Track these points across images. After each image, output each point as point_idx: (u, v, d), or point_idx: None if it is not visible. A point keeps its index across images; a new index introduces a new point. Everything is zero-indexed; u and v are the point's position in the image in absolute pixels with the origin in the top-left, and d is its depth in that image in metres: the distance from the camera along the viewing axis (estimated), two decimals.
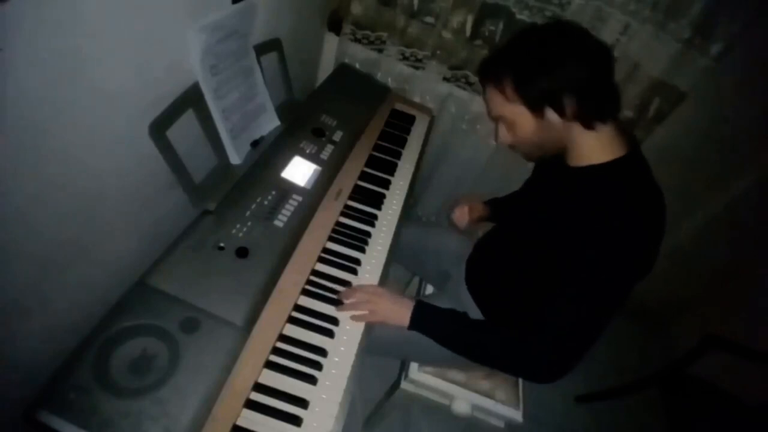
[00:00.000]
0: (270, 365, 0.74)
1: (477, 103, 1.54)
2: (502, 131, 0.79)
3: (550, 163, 0.83)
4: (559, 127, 0.72)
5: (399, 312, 0.85)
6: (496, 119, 0.79)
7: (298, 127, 1.08)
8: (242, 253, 0.79)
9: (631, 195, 0.70)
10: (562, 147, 0.77)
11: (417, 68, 1.51)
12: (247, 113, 0.94)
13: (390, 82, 1.54)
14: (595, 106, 0.70)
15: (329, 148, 1.07)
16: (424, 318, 0.85)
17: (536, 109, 0.71)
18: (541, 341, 0.73)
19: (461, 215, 1.18)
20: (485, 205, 1.20)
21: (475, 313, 0.97)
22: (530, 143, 0.78)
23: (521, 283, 0.88)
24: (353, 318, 0.84)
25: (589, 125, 0.71)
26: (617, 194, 0.70)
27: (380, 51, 1.49)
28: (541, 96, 0.70)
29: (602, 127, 0.73)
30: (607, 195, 0.71)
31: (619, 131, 0.75)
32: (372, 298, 0.86)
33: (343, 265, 0.93)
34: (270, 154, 0.98)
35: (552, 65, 0.68)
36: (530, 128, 0.74)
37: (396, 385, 1.10)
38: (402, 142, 1.29)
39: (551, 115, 0.71)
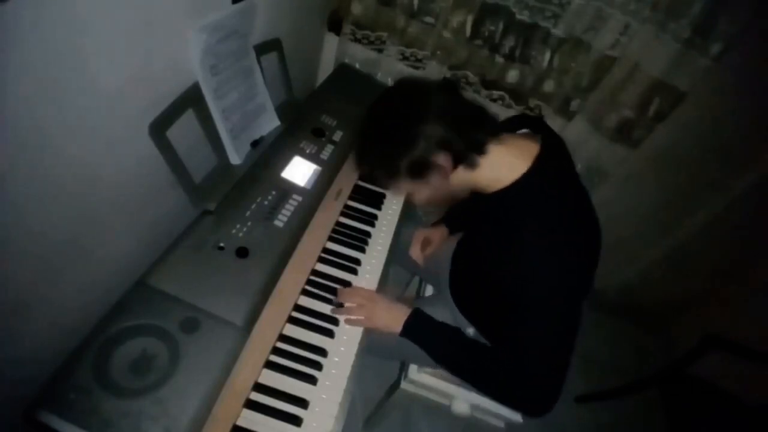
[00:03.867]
0: (270, 365, 0.74)
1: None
2: (413, 200, 0.82)
3: (472, 197, 0.80)
4: (449, 177, 0.70)
5: (392, 319, 0.85)
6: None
7: (298, 127, 1.07)
8: (242, 253, 0.79)
9: (545, 212, 0.68)
10: (470, 187, 0.75)
11: (417, 68, 1.51)
12: (247, 113, 0.94)
13: (390, 82, 1.54)
14: (468, 143, 0.68)
15: (329, 148, 1.07)
16: (417, 327, 0.85)
17: (418, 177, 0.70)
18: (515, 378, 0.72)
19: (416, 254, 1.14)
20: (439, 226, 1.17)
21: (460, 316, 0.97)
22: (438, 200, 0.78)
23: (481, 295, 0.88)
24: (347, 322, 0.85)
25: (473, 163, 0.69)
26: (530, 216, 0.68)
27: (380, 51, 1.49)
28: (412, 167, 0.68)
29: (492, 152, 0.70)
30: (520, 220, 0.68)
31: (517, 142, 0.73)
32: (367, 303, 0.85)
33: (343, 265, 0.93)
34: (270, 154, 0.98)
35: (406, 137, 0.67)
36: (427, 191, 0.75)
37: (396, 385, 1.10)
38: None
39: (435, 176, 0.69)
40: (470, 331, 0.96)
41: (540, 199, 0.69)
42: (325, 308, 0.85)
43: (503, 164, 0.71)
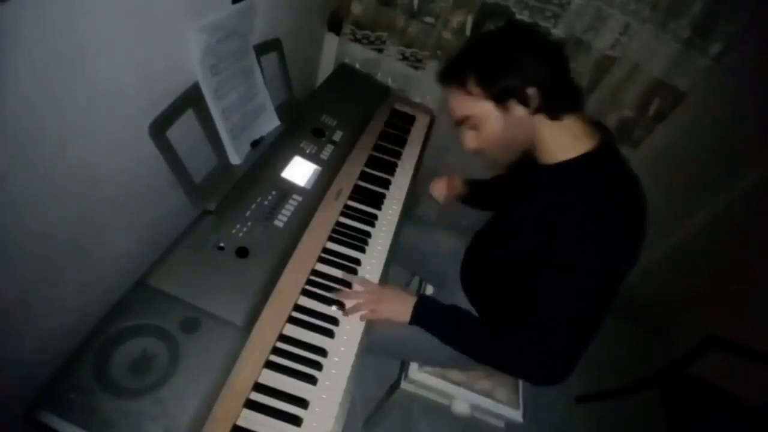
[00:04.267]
0: (270, 365, 0.74)
1: None
2: (469, 134, 0.78)
3: (523, 165, 0.82)
4: (525, 121, 0.72)
5: (401, 308, 0.85)
6: (462, 121, 0.78)
7: (298, 127, 1.07)
8: (242, 253, 0.79)
9: (602, 189, 0.70)
10: (530, 145, 0.76)
11: (417, 68, 1.51)
12: (247, 113, 0.94)
13: (390, 82, 1.54)
14: (559, 97, 0.71)
15: (329, 148, 1.07)
16: (426, 312, 0.85)
17: (502, 104, 0.72)
18: (535, 346, 0.73)
19: (440, 187, 1.20)
20: (465, 184, 1.21)
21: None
22: (498, 143, 0.77)
23: (507, 283, 0.88)
24: (351, 311, 0.84)
25: (555, 116, 0.72)
26: (587, 190, 0.70)
27: (380, 51, 1.49)
28: (505, 89, 0.71)
29: (568, 121, 0.73)
30: (578, 191, 0.70)
31: (588, 125, 0.75)
32: (373, 296, 0.86)
33: (343, 265, 0.93)
34: (270, 154, 0.98)
35: (513, 61, 0.70)
36: (497, 126, 0.74)
37: (396, 385, 1.10)
38: (402, 142, 1.29)
39: (517, 108, 0.71)
40: None
41: (603, 180, 0.71)
42: (325, 308, 0.85)
43: (571, 137, 0.73)
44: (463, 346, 0.83)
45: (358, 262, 0.95)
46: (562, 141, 0.73)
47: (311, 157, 1.02)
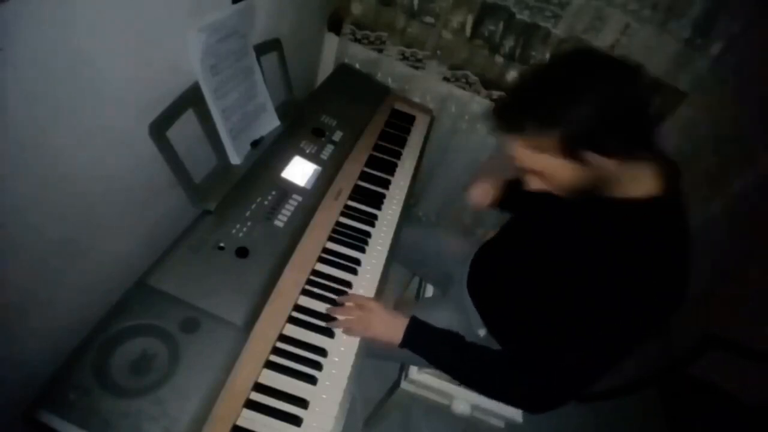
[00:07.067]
0: (270, 365, 0.74)
1: (477, 103, 1.53)
2: (535, 181, 0.70)
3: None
4: (600, 166, 0.63)
5: (391, 330, 0.83)
6: (528, 171, 0.69)
7: (298, 127, 1.08)
8: (242, 253, 0.79)
9: (665, 241, 0.66)
10: (599, 183, 0.67)
11: (417, 68, 1.51)
12: (247, 113, 0.94)
13: (390, 82, 1.54)
14: (636, 137, 0.63)
15: (329, 148, 1.07)
16: (417, 337, 0.83)
17: (574, 156, 0.62)
18: (537, 377, 0.72)
19: (482, 195, 1.08)
20: (505, 183, 1.09)
21: (475, 317, 0.97)
22: (567, 187, 0.68)
23: (523, 297, 0.86)
24: (345, 332, 0.83)
25: (634, 157, 0.64)
26: (648, 236, 0.66)
27: (380, 51, 1.49)
28: (579, 141, 0.60)
29: (644, 157, 0.67)
30: (643, 236, 0.66)
31: (660, 166, 0.69)
32: (364, 312, 0.83)
33: (343, 265, 0.93)
34: (270, 154, 0.98)
35: (586, 102, 0.59)
36: (568, 174, 0.65)
37: (396, 385, 1.10)
38: (402, 142, 1.29)
39: (592, 157, 0.61)
40: (481, 332, 0.95)
41: (667, 231, 0.66)
42: (325, 308, 0.85)
43: (641, 175, 0.67)
44: (456, 372, 0.83)
45: (358, 262, 0.95)
46: (633, 178, 0.67)
47: (311, 157, 1.02)
